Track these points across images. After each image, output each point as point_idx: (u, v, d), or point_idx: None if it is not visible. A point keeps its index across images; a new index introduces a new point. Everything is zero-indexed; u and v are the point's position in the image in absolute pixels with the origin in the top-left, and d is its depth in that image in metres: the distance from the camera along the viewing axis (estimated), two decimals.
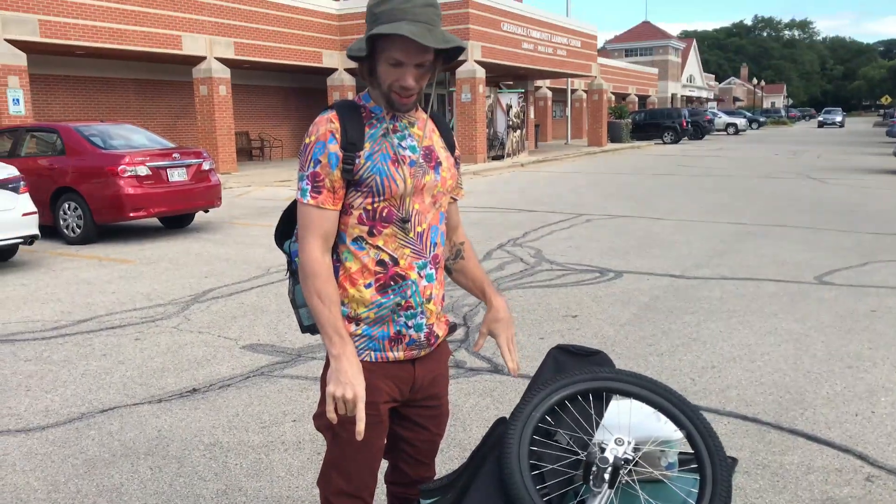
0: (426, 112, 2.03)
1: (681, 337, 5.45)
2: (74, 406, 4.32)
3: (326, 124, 1.86)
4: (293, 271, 2.04)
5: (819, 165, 21.86)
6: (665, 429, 1.96)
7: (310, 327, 2.05)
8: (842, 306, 6.20)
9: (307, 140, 1.89)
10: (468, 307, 6.34)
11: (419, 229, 1.94)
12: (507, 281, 7.36)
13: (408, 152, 1.92)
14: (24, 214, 8.30)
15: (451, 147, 2.08)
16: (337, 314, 1.84)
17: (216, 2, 20.17)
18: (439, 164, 1.99)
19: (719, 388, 4.44)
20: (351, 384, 1.79)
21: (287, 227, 2.09)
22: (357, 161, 1.85)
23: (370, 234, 1.90)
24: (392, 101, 1.87)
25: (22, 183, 8.40)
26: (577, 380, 2.02)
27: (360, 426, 1.78)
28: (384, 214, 1.89)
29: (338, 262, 1.94)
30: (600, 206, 13.22)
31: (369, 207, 1.89)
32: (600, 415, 2.02)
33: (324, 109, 1.92)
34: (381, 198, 1.87)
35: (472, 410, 4.17)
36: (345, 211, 1.91)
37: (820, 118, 67.46)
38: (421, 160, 1.94)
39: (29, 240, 8.43)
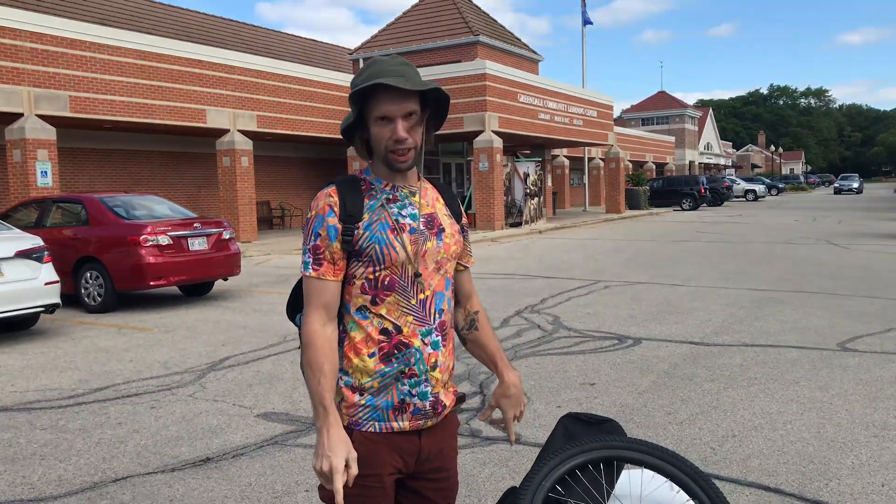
0: (441, 191, 2.10)
1: (701, 405, 5.36)
2: (88, 475, 4.30)
3: (325, 198, 1.93)
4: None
5: (840, 231, 21.74)
6: (678, 499, 1.92)
7: None
8: (866, 373, 6.08)
9: (309, 215, 1.96)
10: (485, 374, 6.29)
11: (422, 296, 1.94)
12: (525, 348, 7.31)
13: (408, 220, 1.95)
14: (47, 283, 8.43)
15: (456, 215, 2.11)
16: (326, 386, 1.84)
17: (240, 77, 20.77)
18: (442, 230, 2.01)
19: (741, 457, 4.34)
20: (327, 456, 1.78)
21: (298, 301, 2.12)
22: (356, 232, 1.90)
23: (373, 302, 1.92)
24: (391, 162, 1.92)
25: (45, 253, 8.55)
26: (588, 448, 2.00)
27: (338, 498, 1.75)
28: (386, 283, 1.91)
29: (343, 333, 1.96)
30: (619, 272, 13.18)
31: (371, 276, 1.91)
32: (611, 484, 1.98)
33: (326, 184, 1.98)
34: (382, 266, 1.90)
35: (488, 480, 4.09)
36: (348, 281, 1.94)
37: (836, 184, 65.92)
38: (422, 227, 1.96)
39: (50, 308, 8.54)
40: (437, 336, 1.96)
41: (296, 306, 2.13)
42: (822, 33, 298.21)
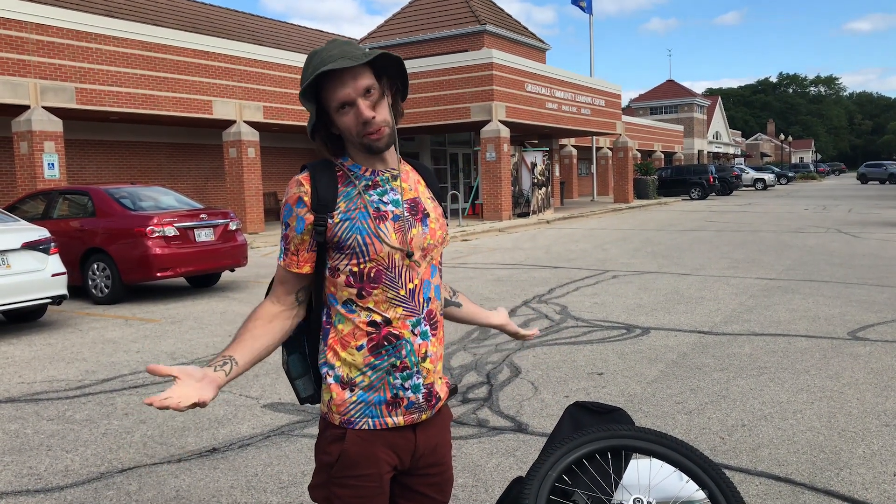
0: (421, 171, 2.02)
1: (710, 394, 5.31)
2: (94, 466, 4.29)
3: (296, 187, 1.85)
4: (286, 342, 1.99)
5: (850, 220, 21.60)
6: (687, 488, 1.88)
7: (308, 398, 1.98)
8: (877, 362, 6.02)
9: (283, 201, 1.90)
10: (492, 365, 6.26)
11: (410, 286, 1.86)
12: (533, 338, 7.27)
13: (390, 207, 1.86)
14: (54, 275, 8.44)
15: (437, 197, 2.03)
16: (230, 344, 1.87)
17: (246, 68, 20.74)
18: (426, 215, 1.92)
19: (750, 447, 4.29)
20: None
21: None
22: (329, 222, 1.82)
23: (359, 296, 1.83)
24: (369, 145, 1.83)
25: (52, 244, 8.55)
26: (596, 437, 1.96)
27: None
28: (372, 275, 1.83)
29: (329, 325, 1.88)
30: (626, 262, 13.12)
31: (356, 269, 1.83)
32: (619, 474, 1.94)
33: (300, 169, 1.90)
34: (367, 258, 1.82)
35: (495, 470, 4.07)
36: (332, 273, 1.86)
37: (862, 170, 58.29)
38: (406, 213, 1.88)
39: (57, 300, 8.55)
40: (425, 325, 1.89)
41: None
42: (830, 20, 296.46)
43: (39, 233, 8.50)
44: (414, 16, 33.38)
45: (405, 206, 1.88)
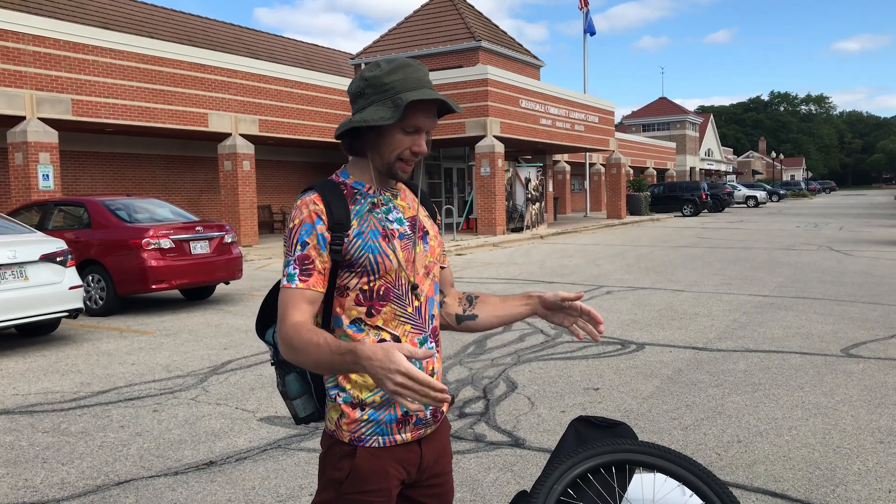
0: (416, 191, 2.03)
1: (705, 410, 5.34)
2: (90, 478, 4.28)
3: (311, 206, 1.82)
4: (279, 362, 1.96)
5: (842, 237, 21.73)
6: (690, 503, 1.90)
7: (305, 418, 1.98)
8: (870, 379, 6.06)
9: (291, 224, 1.84)
10: (488, 379, 6.27)
11: (416, 304, 1.89)
12: (528, 353, 7.29)
13: (395, 225, 1.89)
14: (71, 288, 8.25)
15: (432, 215, 2.07)
16: (331, 340, 1.67)
17: (242, 81, 20.79)
18: (426, 233, 1.96)
19: (746, 462, 4.32)
20: (389, 368, 1.53)
21: (267, 316, 2.01)
22: (346, 241, 1.82)
23: (368, 314, 1.84)
24: (396, 171, 1.86)
25: (69, 256, 8.36)
26: (600, 452, 1.98)
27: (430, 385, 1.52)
28: (381, 293, 1.84)
29: None
30: (620, 278, 13.17)
31: (366, 287, 1.83)
32: (623, 488, 1.96)
33: (303, 191, 1.89)
34: (377, 276, 1.83)
35: (493, 485, 4.07)
36: (340, 293, 1.85)
37: None
38: (409, 231, 1.91)
39: (74, 313, 8.37)
40: (431, 343, 1.92)
41: (265, 322, 2.02)
42: (819, 40, 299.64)
43: (57, 244, 8.29)
44: (409, 32, 33.57)
45: (407, 224, 1.92)
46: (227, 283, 11.57)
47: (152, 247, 9.92)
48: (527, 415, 5.32)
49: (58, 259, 8.20)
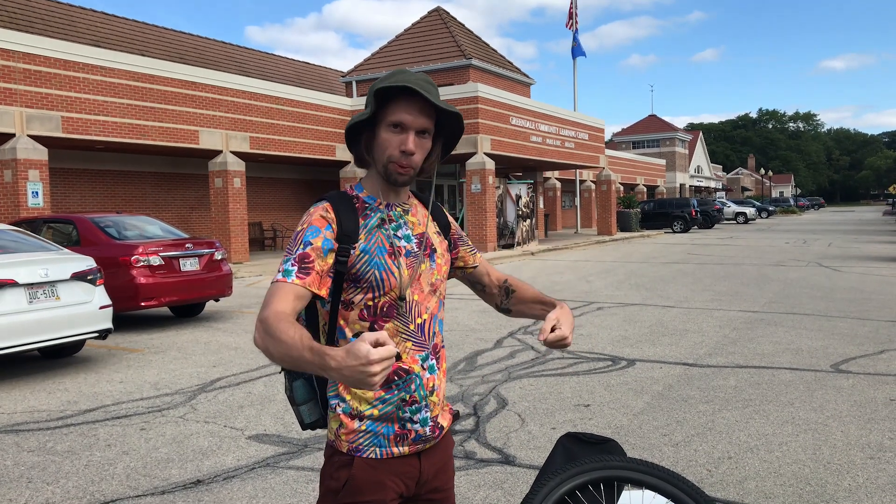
0: (428, 205, 2.02)
1: (696, 426, 5.33)
2: (76, 498, 4.23)
3: (322, 213, 1.84)
4: (287, 369, 1.94)
5: (830, 254, 21.84)
6: None
7: (311, 424, 1.99)
8: (860, 395, 6.07)
9: (299, 228, 1.84)
10: (478, 396, 6.25)
11: (419, 321, 1.90)
12: (519, 369, 7.27)
13: (403, 242, 1.90)
14: (101, 307, 7.93)
15: (445, 228, 2.07)
16: (306, 338, 1.58)
17: (232, 98, 20.81)
18: (434, 251, 1.97)
19: (737, 479, 4.30)
20: (353, 366, 1.45)
21: None
22: (352, 253, 1.82)
23: (371, 329, 1.85)
24: (391, 174, 1.86)
25: (99, 274, 8.06)
26: (588, 468, 1.97)
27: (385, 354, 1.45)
28: (385, 309, 1.86)
29: None
30: (611, 294, 13.18)
31: (370, 303, 1.85)
32: None
33: (316, 200, 1.89)
34: (382, 292, 1.84)
35: (483, 503, 4.04)
36: (346, 307, 1.86)
37: None
38: (416, 249, 1.92)
39: (104, 333, 8.01)
40: (432, 360, 1.93)
41: None
42: (805, 59, 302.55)
43: (87, 262, 7.98)
44: (400, 49, 33.70)
45: (414, 240, 1.92)
46: (216, 301, 11.51)
47: (142, 264, 9.87)
48: (517, 432, 5.30)
49: (88, 277, 7.86)
